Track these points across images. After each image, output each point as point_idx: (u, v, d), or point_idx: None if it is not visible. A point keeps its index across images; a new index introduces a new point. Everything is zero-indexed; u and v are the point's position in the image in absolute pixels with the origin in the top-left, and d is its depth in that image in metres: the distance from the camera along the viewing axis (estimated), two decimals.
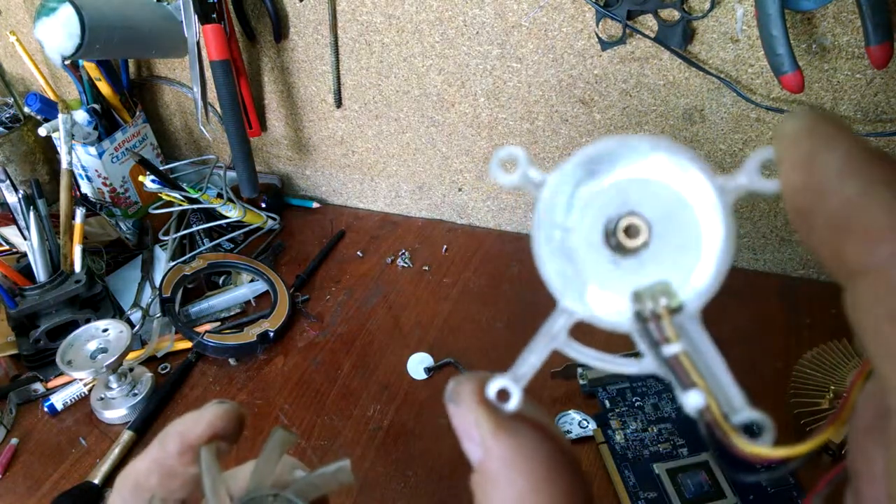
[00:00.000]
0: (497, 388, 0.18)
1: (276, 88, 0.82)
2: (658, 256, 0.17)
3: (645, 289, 0.17)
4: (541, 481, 0.17)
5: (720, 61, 0.58)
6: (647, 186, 0.17)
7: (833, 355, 0.51)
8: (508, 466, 0.17)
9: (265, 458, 0.23)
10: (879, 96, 0.55)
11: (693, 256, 0.17)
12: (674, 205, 0.17)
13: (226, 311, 0.71)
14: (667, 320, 0.17)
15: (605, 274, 0.18)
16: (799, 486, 0.46)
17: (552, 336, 0.18)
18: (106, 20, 0.66)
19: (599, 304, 0.18)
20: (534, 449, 0.18)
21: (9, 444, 0.58)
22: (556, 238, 0.18)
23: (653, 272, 0.17)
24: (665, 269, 0.17)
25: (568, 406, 0.55)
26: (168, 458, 0.23)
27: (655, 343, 0.17)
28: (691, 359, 0.17)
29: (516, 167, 0.17)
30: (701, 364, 0.17)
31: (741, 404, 0.17)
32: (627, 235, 0.17)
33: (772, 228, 0.66)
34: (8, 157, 0.82)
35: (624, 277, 0.17)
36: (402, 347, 0.64)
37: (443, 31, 0.68)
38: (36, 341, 0.64)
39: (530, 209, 0.77)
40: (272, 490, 0.22)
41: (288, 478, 0.23)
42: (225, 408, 0.24)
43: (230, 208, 0.77)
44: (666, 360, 0.17)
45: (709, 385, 0.17)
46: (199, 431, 0.23)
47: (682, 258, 0.17)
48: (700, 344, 0.17)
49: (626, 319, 0.18)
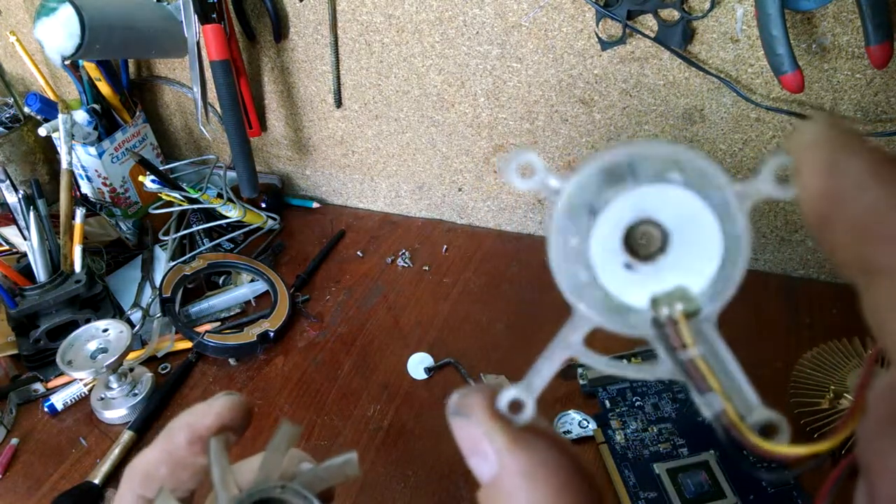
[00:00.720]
0: (509, 399, 0.18)
1: (276, 88, 0.82)
2: (675, 262, 0.17)
3: (662, 295, 0.17)
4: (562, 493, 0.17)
5: (720, 61, 0.58)
6: (665, 194, 0.17)
7: (833, 355, 0.51)
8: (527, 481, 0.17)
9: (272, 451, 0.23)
10: (879, 96, 0.55)
11: (710, 262, 0.17)
12: (691, 211, 0.17)
13: (226, 311, 0.71)
14: (684, 325, 0.17)
15: (621, 280, 0.17)
16: (799, 485, 0.46)
17: (568, 344, 0.18)
18: (106, 20, 0.66)
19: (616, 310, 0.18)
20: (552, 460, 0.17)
21: (9, 444, 0.58)
22: (571, 244, 0.18)
23: (670, 278, 0.17)
24: (682, 274, 0.17)
25: (568, 406, 0.55)
26: (177, 448, 0.23)
27: (673, 348, 0.17)
28: (708, 363, 0.17)
29: (533, 173, 0.17)
30: (718, 367, 0.17)
31: (757, 405, 0.17)
32: (644, 242, 0.17)
33: (772, 228, 0.66)
34: (8, 157, 0.82)
35: (641, 283, 0.17)
36: (402, 347, 0.64)
37: (443, 31, 0.68)
38: (36, 341, 0.64)
39: (530, 209, 0.77)
40: (279, 482, 0.22)
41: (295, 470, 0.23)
42: (234, 399, 0.24)
43: (230, 208, 0.77)
44: (683, 365, 0.17)
45: (725, 388, 0.17)
46: (209, 422, 0.23)
47: (698, 264, 0.17)
48: (717, 348, 0.17)
49: (644, 325, 0.18)
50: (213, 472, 0.22)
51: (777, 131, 0.60)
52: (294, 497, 0.22)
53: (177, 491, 0.24)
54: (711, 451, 0.49)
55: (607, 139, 0.68)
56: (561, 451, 0.18)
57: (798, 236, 0.65)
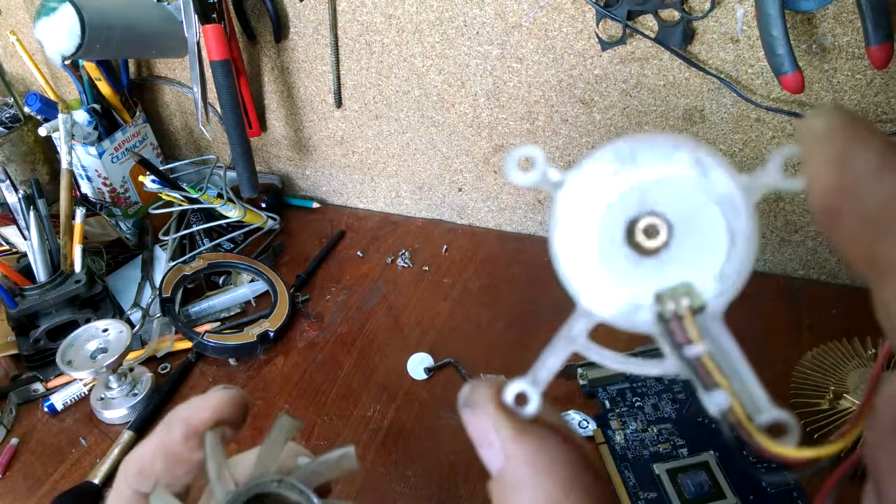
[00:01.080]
0: (515, 391, 0.18)
1: (276, 88, 0.82)
2: (679, 256, 0.17)
3: (667, 290, 0.17)
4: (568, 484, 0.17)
5: (720, 61, 0.58)
6: (669, 186, 0.17)
7: (833, 356, 0.51)
8: (533, 471, 0.17)
9: (270, 444, 0.22)
10: (879, 96, 0.55)
11: (715, 256, 0.17)
12: (696, 204, 0.17)
13: (226, 311, 0.71)
14: (689, 321, 0.17)
15: (625, 275, 0.17)
16: (799, 486, 0.46)
17: (571, 338, 0.18)
18: (106, 20, 0.66)
19: (620, 305, 0.17)
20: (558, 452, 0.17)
21: (9, 444, 0.58)
22: (574, 238, 0.17)
23: (674, 272, 0.17)
24: (686, 269, 0.17)
25: (568, 406, 0.55)
26: (173, 442, 0.23)
27: (678, 344, 0.17)
28: (715, 359, 0.16)
29: (534, 167, 0.17)
30: (725, 364, 0.17)
31: (766, 404, 0.17)
32: (648, 236, 0.17)
33: (772, 229, 0.66)
34: (8, 157, 0.82)
35: (645, 278, 0.17)
36: (402, 347, 0.64)
37: (443, 31, 0.68)
38: (36, 341, 0.64)
39: (530, 209, 0.77)
40: (276, 476, 0.22)
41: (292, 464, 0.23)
42: (230, 393, 0.24)
43: (230, 208, 0.77)
44: (689, 362, 0.17)
45: (733, 385, 0.16)
46: (204, 416, 0.23)
47: (704, 258, 0.17)
48: (724, 344, 0.17)
49: (648, 321, 0.17)
50: (209, 466, 0.22)
51: (777, 132, 0.60)
52: (291, 491, 0.22)
53: (173, 486, 0.23)
54: (711, 451, 0.49)
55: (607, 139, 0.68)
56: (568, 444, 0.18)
57: (798, 237, 0.65)
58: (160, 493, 0.22)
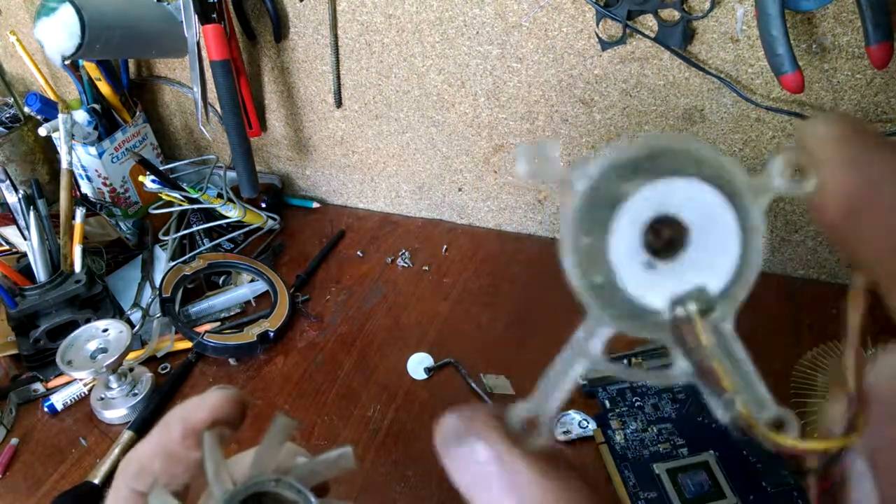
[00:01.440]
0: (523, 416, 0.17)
1: (276, 88, 0.82)
2: (693, 260, 0.17)
3: (681, 295, 0.17)
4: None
5: (720, 61, 0.58)
6: (684, 190, 0.16)
7: (833, 356, 0.51)
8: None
9: (267, 444, 0.23)
10: (879, 96, 0.55)
11: (728, 260, 0.17)
12: (710, 207, 0.16)
13: (226, 311, 0.71)
14: (701, 325, 0.16)
15: (641, 280, 0.17)
16: (798, 486, 0.46)
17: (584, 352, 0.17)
18: (106, 20, 0.66)
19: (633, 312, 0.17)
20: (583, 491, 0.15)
21: (9, 444, 0.58)
22: (587, 243, 0.17)
23: (688, 276, 0.17)
24: (700, 273, 0.17)
25: (568, 406, 0.55)
26: (171, 442, 0.23)
27: (691, 349, 0.16)
28: (725, 364, 0.16)
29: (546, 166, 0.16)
30: (734, 367, 0.17)
31: (770, 403, 0.17)
32: (663, 240, 0.17)
33: (772, 229, 0.66)
34: (8, 157, 0.82)
35: (659, 283, 0.17)
36: (402, 347, 0.64)
37: (443, 31, 0.68)
38: (36, 341, 0.64)
39: (531, 209, 0.77)
40: (274, 475, 0.22)
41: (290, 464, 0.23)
42: (227, 393, 0.24)
43: (230, 208, 0.77)
44: (701, 366, 0.16)
45: (741, 388, 0.16)
46: (202, 416, 0.23)
47: (716, 262, 0.17)
48: (733, 348, 0.17)
49: (661, 327, 0.17)
50: (207, 465, 0.22)
51: (777, 131, 0.60)
52: (288, 491, 0.22)
53: (171, 485, 0.23)
54: (711, 451, 0.49)
55: (607, 139, 0.68)
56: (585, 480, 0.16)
57: (798, 236, 0.65)
58: (158, 492, 0.22)
